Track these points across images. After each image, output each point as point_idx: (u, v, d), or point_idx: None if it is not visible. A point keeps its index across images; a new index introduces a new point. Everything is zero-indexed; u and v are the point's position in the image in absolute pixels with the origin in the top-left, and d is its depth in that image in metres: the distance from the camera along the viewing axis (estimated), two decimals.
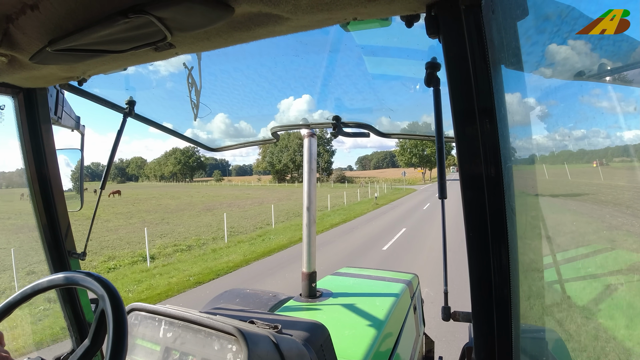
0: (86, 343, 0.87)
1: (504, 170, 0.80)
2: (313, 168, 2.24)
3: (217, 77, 1.77)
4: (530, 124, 0.98)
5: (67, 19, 0.80)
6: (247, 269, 9.66)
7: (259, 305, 2.07)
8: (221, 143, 2.66)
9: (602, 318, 1.22)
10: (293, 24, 0.87)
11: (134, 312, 1.26)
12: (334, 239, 13.31)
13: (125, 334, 0.80)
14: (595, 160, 1.02)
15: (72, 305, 1.60)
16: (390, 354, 1.86)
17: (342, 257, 9.98)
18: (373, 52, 1.52)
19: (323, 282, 2.61)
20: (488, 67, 0.76)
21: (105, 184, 1.69)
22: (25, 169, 1.46)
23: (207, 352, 1.08)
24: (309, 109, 2.17)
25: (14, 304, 0.94)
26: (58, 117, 1.51)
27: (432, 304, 5.27)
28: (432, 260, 9.19)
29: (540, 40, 0.88)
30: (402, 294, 2.35)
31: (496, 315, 0.86)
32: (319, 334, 1.34)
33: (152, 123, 1.88)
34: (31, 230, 15.22)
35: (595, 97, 0.92)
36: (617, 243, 1.21)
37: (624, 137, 0.90)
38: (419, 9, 0.81)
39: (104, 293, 0.85)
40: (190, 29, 0.85)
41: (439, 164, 1.01)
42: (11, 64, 1.04)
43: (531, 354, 1.09)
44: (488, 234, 0.82)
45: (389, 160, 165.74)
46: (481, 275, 0.85)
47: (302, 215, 2.27)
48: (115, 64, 1.14)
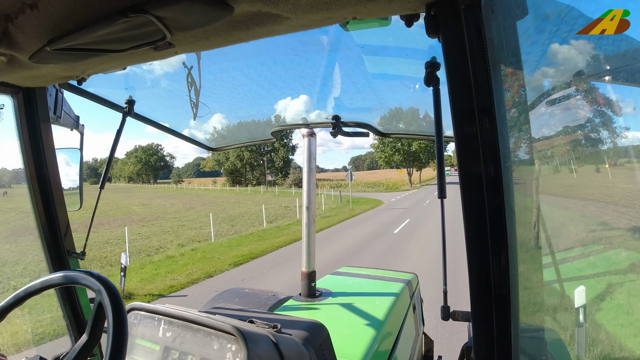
0: (84, 338, 0.87)
1: (503, 169, 0.80)
2: (313, 168, 2.25)
3: (217, 76, 1.77)
4: (529, 124, 0.98)
5: (66, 18, 0.80)
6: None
7: (258, 305, 2.08)
8: (220, 142, 2.66)
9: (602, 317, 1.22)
10: (292, 24, 0.87)
11: (133, 312, 1.26)
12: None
13: (124, 321, 0.81)
14: (609, 160, 1.02)
15: (71, 305, 1.60)
16: (389, 353, 1.86)
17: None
18: (372, 51, 1.52)
19: (322, 281, 2.61)
20: (487, 66, 0.76)
21: (105, 184, 1.69)
22: (25, 169, 1.46)
23: (207, 352, 1.08)
24: (308, 109, 2.17)
25: (11, 304, 0.94)
26: (57, 117, 1.51)
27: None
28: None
29: (539, 40, 0.88)
30: (402, 293, 2.35)
31: (495, 315, 0.86)
32: (318, 334, 1.34)
33: (151, 122, 1.88)
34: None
35: (595, 97, 0.92)
36: (616, 243, 1.21)
37: (624, 137, 0.90)
38: (418, 8, 0.81)
39: (100, 287, 0.85)
40: (189, 28, 0.85)
41: (438, 163, 1.01)
42: (10, 63, 1.04)
43: (530, 353, 1.09)
44: (487, 233, 0.82)
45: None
46: (480, 275, 0.85)
47: (302, 215, 2.28)
48: (115, 63, 1.14)
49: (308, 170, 2.24)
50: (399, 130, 2.36)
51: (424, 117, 2.22)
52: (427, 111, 2.11)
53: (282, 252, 11.73)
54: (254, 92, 2.11)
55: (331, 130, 2.10)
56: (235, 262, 10.37)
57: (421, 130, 2.30)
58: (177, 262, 10.67)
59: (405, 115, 2.29)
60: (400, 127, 2.36)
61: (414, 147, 55.51)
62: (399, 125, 2.36)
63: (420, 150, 55.98)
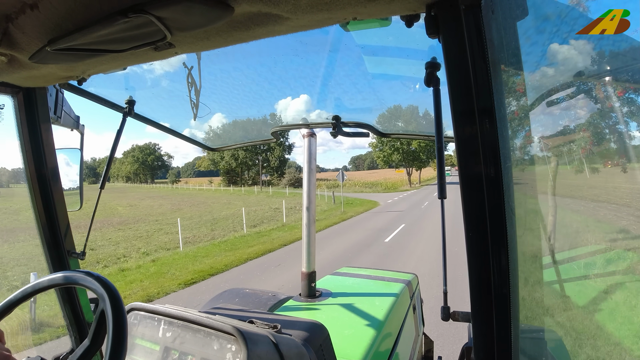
0: (86, 343, 0.87)
1: (503, 170, 0.80)
2: (313, 168, 2.25)
3: (217, 76, 1.77)
4: (529, 124, 0.98)
5: (66, 18, 0.80)
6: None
7: (258, 305, 2.08)
8: (220, 143, 2.66)
9: (602, 318, 1.22)
10: (293, 24, 0.87)
11: (133, 312, 1.26)
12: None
13: (124, 334, 0.80)
14: (606, 161, 1.02)
15: (71, 305, 1.60)
16: (389, 353, 1.86)
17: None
18: (373, 51, 1.52)
19: (322, 282, 2.61)
20: (488, 67, 0.76)
21: (105, 184, 1.70)
22: (25, 169, 1.46)
23: (207, 352, 1.08)
24: (308, 109, 2.18)
25: (14, 302, 0.94)
26: (58, 117, 1.51)
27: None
28: None
29: (540, 41, 0.88)
30: (402, 294, 2.35)
31: (495, 315, 0.86)
32: (318, 334, 1.34)
33: (151, 123, 1.88)
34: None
35: (595, 97, 0.93)
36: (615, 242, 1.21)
37: (624, 137, 0.90)
38: (418, 8, 0.81)
39: (103, 293, 0.85)
40: (189, 28, 0.85)
41: (438, 164, 1.01)
42: (11, 63, 1.04)
43: (530, 354, 1.09)
44: (487, 234, 0.82)
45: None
46: (480, 275, 0.85)
47: (302, 215, 2.28)
48: (115, 63, 1.14)
49: (308, 170, 2.24)
50: (399, 131, 2.36)
51: (424, 117, 2.22)
52: (427, 111, 2.11)
53: (248, 267, 10.05)
54: (255, 93, 2.11)
55: (331, 131, 2.11)
56: (188, 281, 8.77)
57: (421, 131, 2.30)
58: (126, 278, 9.22)
59: (405, 115, 2.29)
60: (400, 127, 2.36)
61: (414, 146, 53.46)
62: (399, 125, 2.36)
63: (420, 150, 53.70)
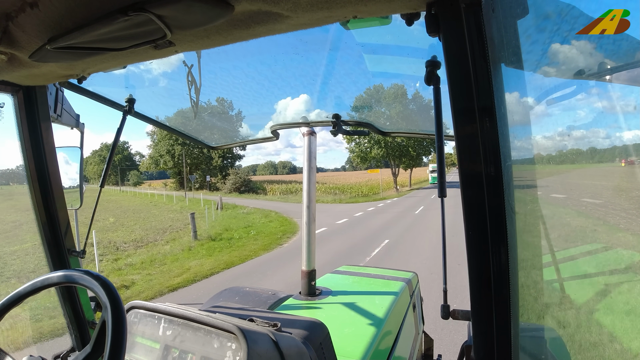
0: (87, 349, 0.87)
1: (503, 169, 0.80)
2: (313, 167, 2.25)
3: (217, 75, 1.77)
4: (530, 123, 0.98)
5: (66, 16, 0.80)
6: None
7: (258, 304, 2.08)
8: (221, 141, 2.66)
9: (601, 316, 1.22)
10: (293, 22, 0.87)
11: (133, 310, 1.26)
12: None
13: (123, 346, 0.80)
14: (624, 159, 1.02)
15: (71, 303, 1.60)
16: (389, 352, 1.86)
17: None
18: (373, 50, 1.52)
19: (322, 280, 2.62)
20: (488, 65, 0.76)
21: (105, 183, 1.70)
22: (25, 167, 1.46)
23: (207, 350, 1.08)
24: (308, 107, 2.18)
25: (20, 296, 0.94)
26: (58, 115, 1.51)
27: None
28: None
29: (540, 39, 0.88)
30: (402, 292, 2.36)
31: (495, 314, 0.86)
32: (318, 332, 1.34)
33: (151, 121, 1.88)
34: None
35: (595, 96, 0.93)
36: (615, 242, 1.22)
37: (624, 136, 0.90)
38: (419, 7, 0.81)
39: (107, 303, 0.84)
40: (190, 26, 0.85)
41: (439, 162, 1.01)
42: (11, 61, 1.04)
43: (530, 352, 1.09)
44: (487, 232, 0.82)
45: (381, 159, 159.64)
46: (480, 274, 0.85)
47: (302, 214, 2.28)
48: (115, 61, 1.14)
49: (308, 169, 2.24)
50: (399, 129, 2.36)
51: (424, 115, 2.22)
52: (428, 110, 2.11)
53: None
54: (255, 91, 2.11)
55: (331, 129, 2.11)
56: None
57: (421, 129, 2.30)
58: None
59: (406, 114, 2.29)
60: (401, 125, 2.36)
61: (400, 139, 38.61)
62: (399, 123, 2.36)
63: (410, 144, 40.56)
